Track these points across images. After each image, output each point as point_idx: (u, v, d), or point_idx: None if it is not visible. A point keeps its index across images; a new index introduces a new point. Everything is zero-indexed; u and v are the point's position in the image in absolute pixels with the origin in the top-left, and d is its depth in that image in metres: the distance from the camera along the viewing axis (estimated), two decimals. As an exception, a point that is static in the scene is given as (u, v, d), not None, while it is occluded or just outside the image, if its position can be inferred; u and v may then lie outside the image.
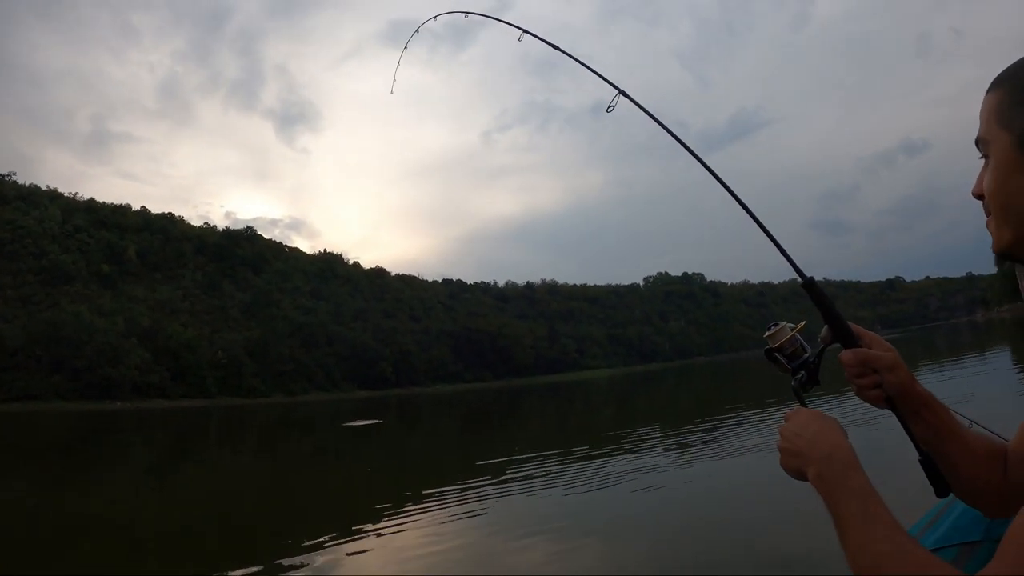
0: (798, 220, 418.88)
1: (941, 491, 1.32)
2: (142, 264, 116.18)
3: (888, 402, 1.38)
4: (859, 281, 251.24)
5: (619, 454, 16.59)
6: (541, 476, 14.84)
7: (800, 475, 1.29)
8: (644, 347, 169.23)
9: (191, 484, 18.57)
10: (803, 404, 1.42)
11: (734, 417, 22.75)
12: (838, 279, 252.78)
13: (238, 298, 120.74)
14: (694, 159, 1.70)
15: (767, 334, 1.45)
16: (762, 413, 22.66)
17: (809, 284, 1.43)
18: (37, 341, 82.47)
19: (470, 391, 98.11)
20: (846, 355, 1.39)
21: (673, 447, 16.99)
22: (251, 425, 47.19)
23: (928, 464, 1.34)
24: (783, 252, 1.51)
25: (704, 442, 17.16)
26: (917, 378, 1.34)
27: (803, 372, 1.42)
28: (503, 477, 15.03)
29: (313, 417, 47.79)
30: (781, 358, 1.43)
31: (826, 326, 1.43)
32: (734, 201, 1.60)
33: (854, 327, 1.43)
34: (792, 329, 1.44)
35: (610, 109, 1.95)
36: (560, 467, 15.68)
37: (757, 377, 54.35)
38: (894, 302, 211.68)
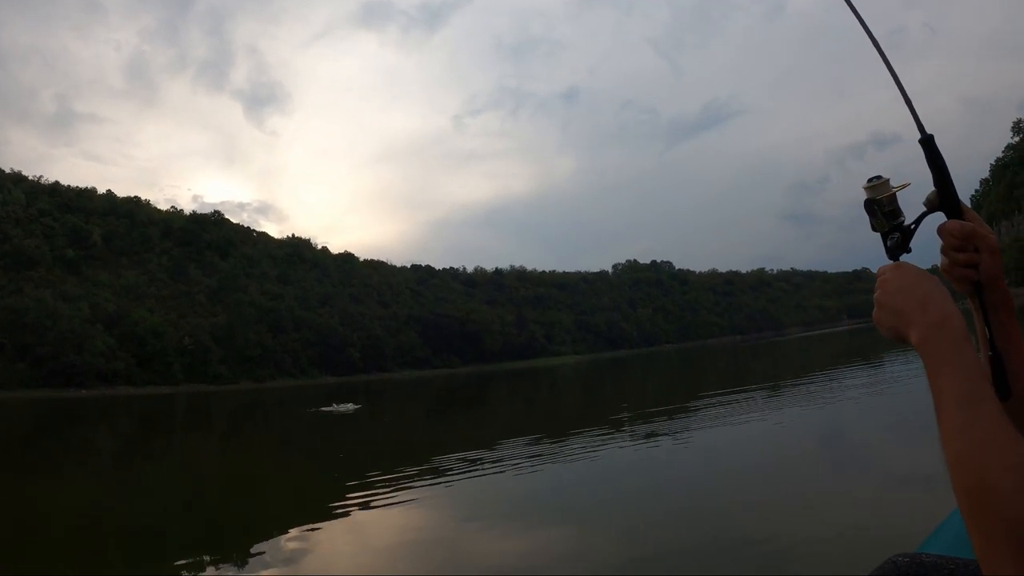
0: (769, 210, 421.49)
1: (1004, 393, 1.19)
2: (108, 249, 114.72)
3: (975, 288, 1.28)
4: (827, 271, 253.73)
5: (585, 439, 16.95)
6: (509, 460, 15.17)
7: (898, 336, 1.19)
8: (612, 334, 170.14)
9: (157, 472, 18.65)
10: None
11: (700, 403, 23.27)
12: (806, 269, 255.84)
13: (204, 283, 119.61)
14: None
15: (867, 185, 1.34)
16: (728, 398, 23.18)
17: (928, 141, 1.28)
18: (0, 327, 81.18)
19: (438, 376, 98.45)
20: (952, 224, 1.28)
21: (640, 434, 17.39)
22: (218, 412, 47.17)
23: (998, 363, 1.23)
24: (908, 102, 1.33)
25: (670, 429, 17.57)
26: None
27: (897, 234, 1.32)
28: (471, 461, 15.35)
29: (281, 403, 47.91)
30: (880, 212, 1.32)
31: (934, 190, 1.31)
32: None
33: (962, 204, 1.32)
34: (894, 187, 1.32)
35: None
36: (528, 451, 15.98)
37: (722, 365, 55.21)
38: (861, 292, 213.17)
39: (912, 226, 1.33)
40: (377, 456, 18.46)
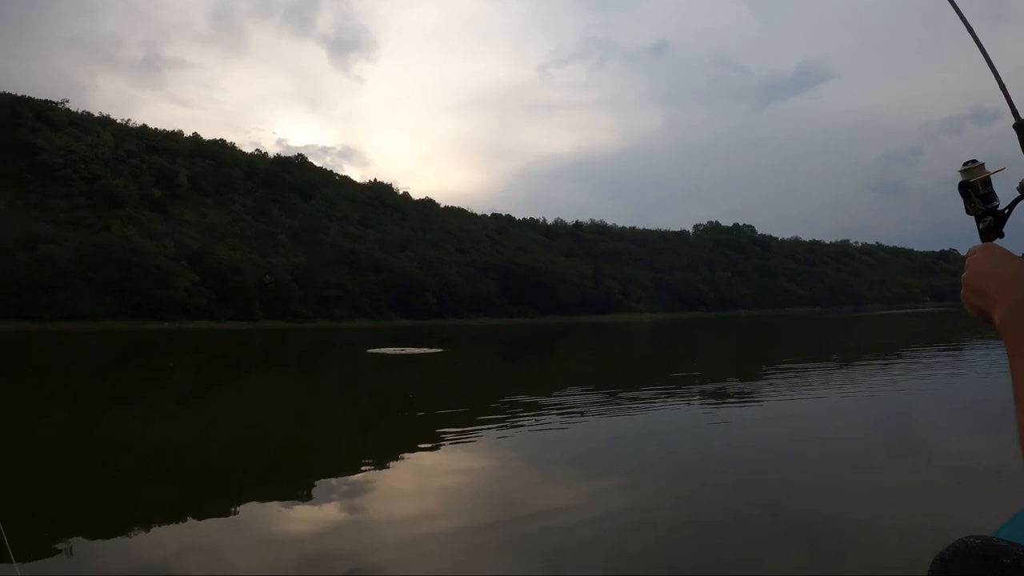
0: (857, 180, 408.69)
1: None
2: (193, 189, 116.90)
3: None
4: (912, 249, 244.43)
5: (652, 397, 16.38)
6: (574, 411, 14.76)
7: (982, 316, 1.20)
8: (688, 294, 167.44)
9: (231, 404, 18.53)
10: None
11: (771, 371, 22.40)
12: (891, 244, 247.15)
13: (287, 224, 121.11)
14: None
15: (962, 168, 1.34)
16: (804, 368, 22.27)
17: (1022, 125, 1.27)
18: (87, 263, 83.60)
19: (512, 325, 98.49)
20: None
21: (707, 397, 16.91)
22: (294, 348, 47.67)
23: None
24: (1000, 83, 1.33)
25: (738, 395, 16.89)
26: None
27: (990, 218, 1.32)
28: (537, 409, 14.99)
29: (355, 343, 48.05)
30: (975, 195, 1.32)
31: None
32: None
33: None
34: (989, 171, 1.33)
35: None
36: (593, 404, 15.55)
37: (798, 335, 53.76)
38: (946, 273, 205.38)
39: (1006, 211, 1.32)
40: (445, 398, 18.28)
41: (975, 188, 1.32)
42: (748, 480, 9.07)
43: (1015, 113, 1.30)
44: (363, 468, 10.27)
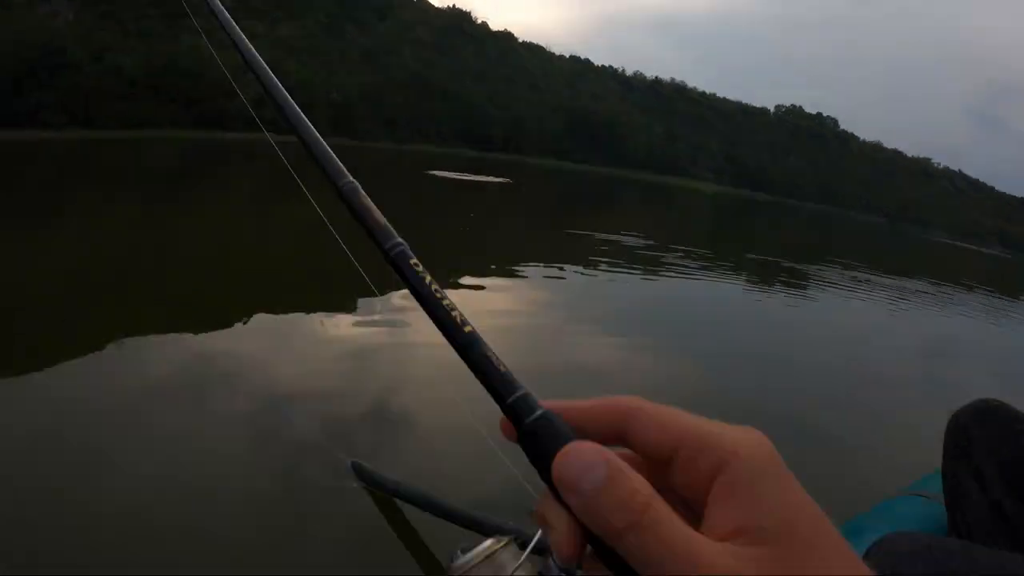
0: (955, 99, 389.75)
1: None
2: (265, 1, 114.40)
3: None
4: (993, 187, 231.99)
5: (703, 268, 15.97)
6: (623, 266, 14.30)
7: None
8: (757, 174, 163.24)
9: (292, 213, 18.06)
10: None
11: (828, 267, 21.46)
12: (974, 176, 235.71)
13: (359, 43, 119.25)
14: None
15: None
16: (855, 272, 21.16)
17: None
18: (155, 72, 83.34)
19: (575, 170, 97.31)
20: None
21: (756, 279, 16.58)
22: (357, 165, 47.22)
23: None
24: None
25: (792, 282, 16.48)
26: None
27: None
28: (591, 258, 14.64)
29: (419, 165, 47.90)
30: None
31: None
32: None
33: None
34: None
35: None
36: (643, 263, 15.07)
37: (865, 239, 52.13)
38: (1022, 223, 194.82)
39: None
40: (503, 231, 18.49)
41: None
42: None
43: None
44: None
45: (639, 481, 0.41)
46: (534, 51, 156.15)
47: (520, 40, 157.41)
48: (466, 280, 11.12)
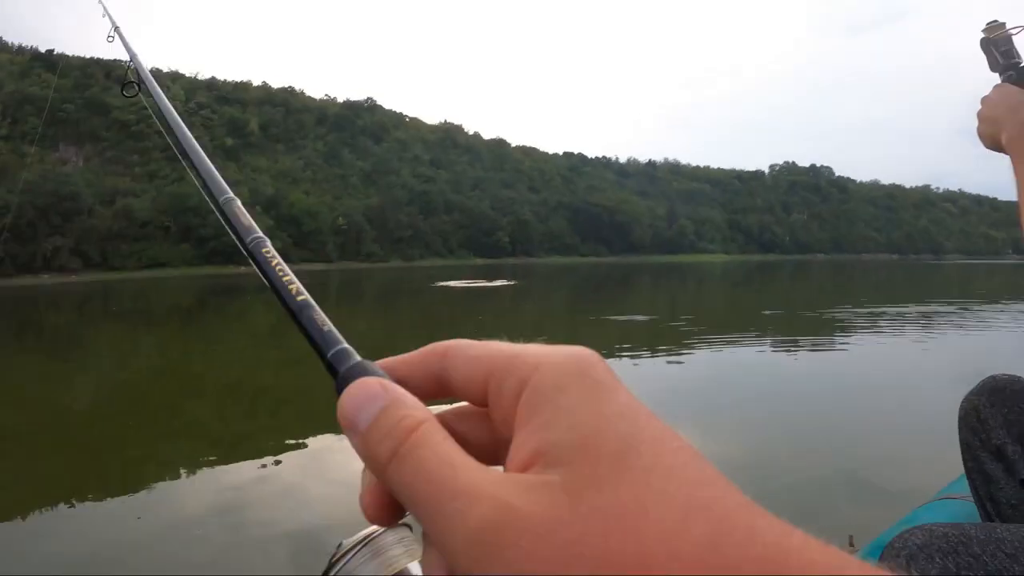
0: (945, 120, 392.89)
1: None
2: (265, 137, 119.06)
3: None
4: (997, 198, 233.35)
5: (727, 337, 16.08)
6: (647, 349, 14.47)
7: (993, 141, 1.27)
8: (763, 237, 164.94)
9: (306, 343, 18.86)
10: None
11: (848, 317, 21.75)
12: (975, 192, 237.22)
13: (358, 167, 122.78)
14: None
15: (985, 28, 1.44)
16: (877, 318, 21.50)
17: None
18: (165, 212, 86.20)
19: (584, 264, 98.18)
20: None
21: (782, 342, 16.32)
22: (368, 287, 48.24)
23: None
24: None
25: (815, 342, 16.41)
26: None
27: (1012, 72, 1.40)
28: (610, 343, 14.82)
29: (427, 279, 48.51)
30: (995, 51, 1.41)
31: None
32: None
33: None
34: (1012, 30, 1.40)
35: None
36: (670, 345, 15.26)
37: (879, 281, 52.21)
38: None
39: None
40: (520, 324, 18.35)
41: (996, 44, 1.40)
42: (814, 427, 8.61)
43: None
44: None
45: (414, 406, 0.35)
46: (528, 153, 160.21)
47: (513, 145, 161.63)
48: None
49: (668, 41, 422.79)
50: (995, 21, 1.41)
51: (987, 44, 1.41)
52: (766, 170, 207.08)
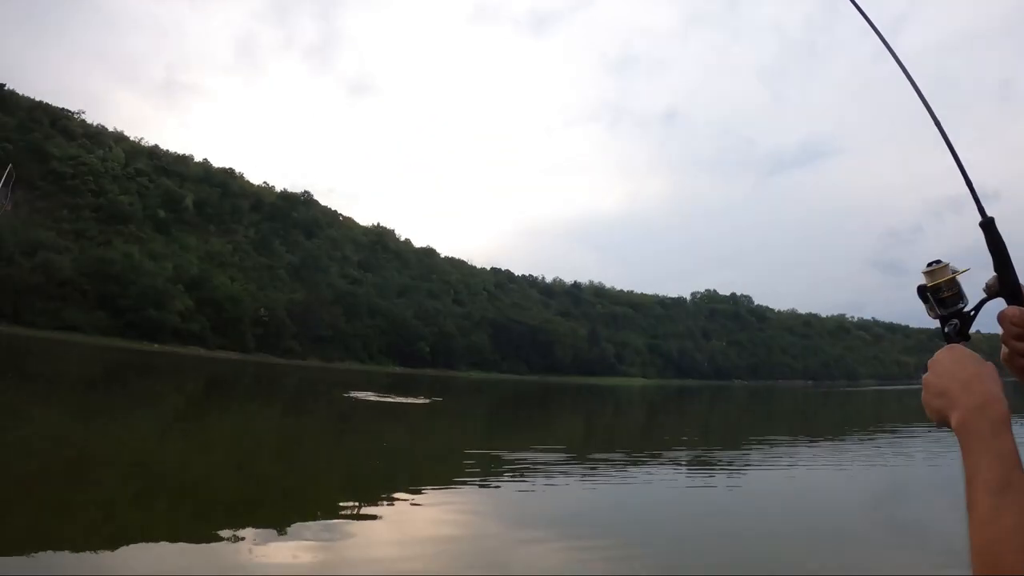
0: (857, 255, 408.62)
1: None
2: (198, 214, 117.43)
3: None
4: (908, 325, 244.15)
5: (640, 463, 16.23)
6: (559, 473, 14.47)
7: (941, 418, 1.14)
8: (683, 362, 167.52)
9: (212, 434, 18.30)
10: None
11: (763, 444, 22.17)
12: (888, 320, 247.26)
13: (287, 259, 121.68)
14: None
15: (926, 271, 1.27)
16: (793, 444, 22.00)
17: (988, 224, 1.22)
18: (86, 275, 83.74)
19: (504, 381, 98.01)
20: (1012, 311, 1.21)
21: (697, 464, 16.58)
22: (282, 385, 47.25)
23: None
24: (968, 182, 1.28)
25: (728, 463, 16.69)
26: None
27: (956, 321, 1.25)
28: (523, 469, 14.72)
29: (343, 385, 47.72)
30: (932, 299, 1.26)
31: (995, 275, 1.24)
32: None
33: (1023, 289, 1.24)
34: (955, 272, 1.24)
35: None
36: (581, 467, 15.28)
37: (792, 409, 53.48)
38: None
39: (972, 312, 1.26)
40: (430, 450, 18.11)
41: (937, 292, 1.26)
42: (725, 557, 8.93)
43: (981, 211, 1.25)
44: (340, 511, 10.16)
45: None
46: (456, 265, 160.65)
47: (442, 255, 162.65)
48: (390, 497, 10.98)
49: (596, 166, 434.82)
50: (937, 262, 1.25)
51: (924, 291, 1.27)
52: (688, 297, 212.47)
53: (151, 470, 11.89)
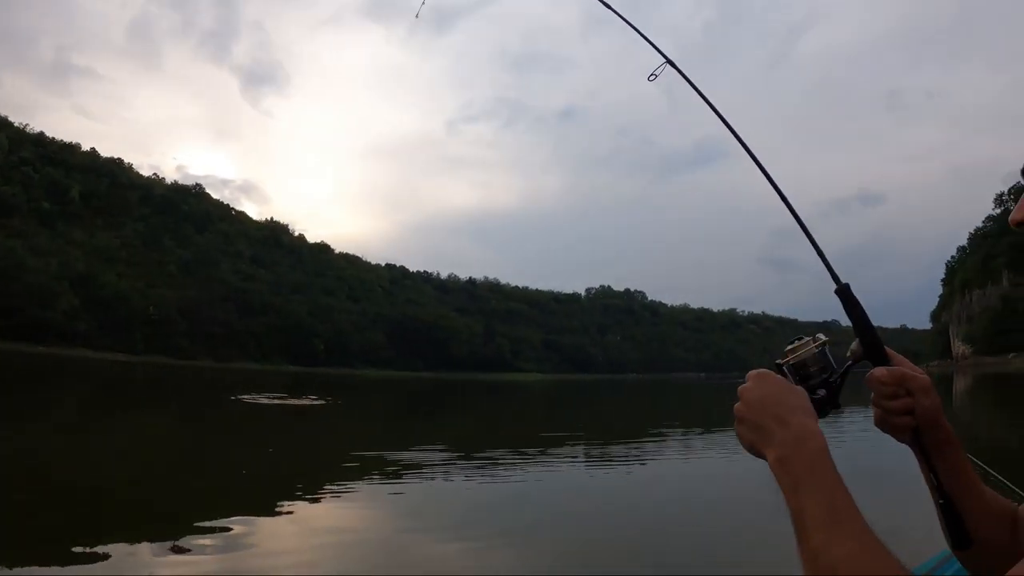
0: (748, 253, 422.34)
1: (961, 542, 1.14)
2: (85, 207, 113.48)
3: (914, 433, 1.19)
4: (797, 319, 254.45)
5: (545, 459, 16.90)
6: (462, 470, 15.00)
7: (756, 451, 1.09)
8: (578, 356, 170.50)
9: (100, 441, 18.28)
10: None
11: (660, 437, 23.21)
12: (777, 315, 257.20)
13: (178, 255, 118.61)
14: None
15: (788, 348, 1.24)
16: (687, 437, 23.14)
17: (844, 290, 1.24)
18: None
19: (400, 379, 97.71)
20: (880, 372, 1.19)
21: (597, 458, 17.39)
22: (174, 389, 46.48)
23: (949, 511, 1.16)
24: (820, 254, 1.31)
25: (627, 456, 17.55)
26: None
27: (823, 391, 1.19)
28: (424, 467, 15.19)
29: (235, 386, 47.15)
30: (789, 374, 1.21)
31: (856, 340, 1.25)
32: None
33: (887, 348, 1.24)
34: (817, 344, 1.21)
35: (652, 78, 1.82)
36: (481, 463, 15.83)
37: (686, 400, 55.29)
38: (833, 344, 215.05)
39: (837, 380, 1.22)
40: (329, 452, 18.27)
41: (803, 368, 1.22)
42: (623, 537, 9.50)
43: (835, 278, 1.26)
44: (235, 518, 10.32)
45: None
46: (351, 261, 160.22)
47: (337, 251, 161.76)
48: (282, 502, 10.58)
49: (493, 163, 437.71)
50: (797, 339, 1.24)
51: (781, 368, 1.23)
52: (583, 293, 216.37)
53: (38, 481, 11.80)
